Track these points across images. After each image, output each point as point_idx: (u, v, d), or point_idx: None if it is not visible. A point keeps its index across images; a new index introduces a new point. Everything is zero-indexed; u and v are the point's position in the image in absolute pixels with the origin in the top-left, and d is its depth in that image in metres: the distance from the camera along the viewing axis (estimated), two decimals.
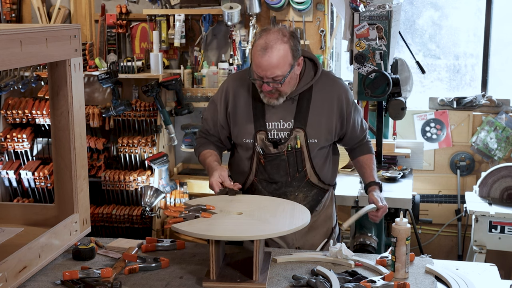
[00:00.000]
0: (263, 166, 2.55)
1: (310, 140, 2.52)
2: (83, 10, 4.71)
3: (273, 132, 2.53)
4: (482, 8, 4.49)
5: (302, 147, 2.52)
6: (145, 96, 4.46)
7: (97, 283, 2.03)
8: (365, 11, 3.34)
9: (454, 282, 2.09)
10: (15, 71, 4.37)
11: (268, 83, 2.40)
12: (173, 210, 2.25)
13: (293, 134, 2.51)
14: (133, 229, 4.55)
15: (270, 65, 2.35)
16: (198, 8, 4.55)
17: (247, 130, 2.54)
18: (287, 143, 2.51)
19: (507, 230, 3.85)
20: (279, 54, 2.35)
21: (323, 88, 2.56)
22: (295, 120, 2.52)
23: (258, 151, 2.53)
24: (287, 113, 2.53)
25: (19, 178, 4.64)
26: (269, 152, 2.53)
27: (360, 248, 3.40)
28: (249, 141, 2.54)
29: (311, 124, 2.52)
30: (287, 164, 2.54)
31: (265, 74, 2.37)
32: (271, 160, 2.53)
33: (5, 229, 2.41)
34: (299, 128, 2.51)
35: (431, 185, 4.54)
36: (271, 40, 2.36)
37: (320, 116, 2.53)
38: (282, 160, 2.53)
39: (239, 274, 2.11)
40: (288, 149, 2.52)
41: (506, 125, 4.37)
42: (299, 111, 2.52)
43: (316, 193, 2.61)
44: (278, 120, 2.53)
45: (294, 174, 2.55)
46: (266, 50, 2.34)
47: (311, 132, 2.52)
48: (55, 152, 2.38)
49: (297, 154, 2.53)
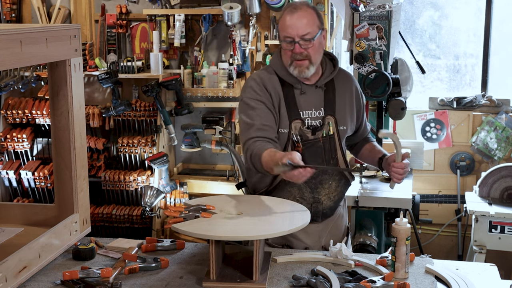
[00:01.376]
0: (300, 154, 2.45)
1: (340, 127, 2.59)
2: (83, 10, 4.71)
3: (308, 121, 2.55)
4: (482, 8, 4.50)
5: (334, 133, 2.58)
6: (145, 96, 4.46)
7: (97, 283, 2.03)
8: (365, 11, 3.34)
9: (454, 282, 2.09)
10: (15, 71, 4.37)
11: (299, 43, 2.45)
12: (173, 210, 2.25)
13: (326, 121, 2.56)
14: (133, 229, 4.55)
15: (300, 22, 2.45)
16: (198, 8, 4.55)
17: (282, 120, 2.54)
18: (322, 129, 2.56)
19: (507, 230, 3.85)
20: (307, 13, 2.48)
21: (342, 80, 2.65)
22: (325, 108, 2.57)
23: (294, 139, 2.52)
24: (318, 102, 2.57)
25: (19, 178, 4.64)
26: (306, 139, 2.54)
27: (360, 248, 3.39)
28: (285, 131, 2.54)
29: (339, 111, 2.59)
30: (323, 151, 2.56)
31: (297, 33, 2.45)
32: (309, 147, 2.54)
33: (5, 229, 2.41)
34: (329, 115, 2.57)
35: (431, 185, 4.54)
36: (298, 4, 2.50)
37: (345, 105, 2.62)
38: (318, 146, 2.55)
39: (239, 274, 2.11)
40: (323, 135, 2.56)
41: (506, 125, 4.37)
42: (328, 99, 2.59)
43: (344, 184, 2.64)
44: (310, 109, 2.56)
45: (329, 161, 2.58)
46: (295, 9, 2.48)
47: (340, 119, 2.59)
48: (55, 152, 2.38)
49: (331, 141, 2.57)
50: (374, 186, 3.67)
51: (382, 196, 3.50)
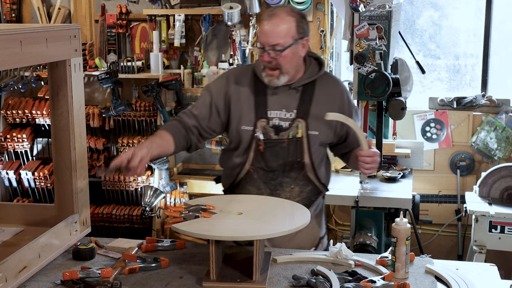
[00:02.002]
0: (261, 153, 2.51)
1: (310, 131, 2.52)
2: (83, 10, 4.71)
3: (275, 121, 2.52)
4: (482, 8, 4.49)
5: (303, 137, 2.52)
6: (145, 96, 4.46)
7: (97, 283, 2.03)
8: (365, 11, 3.34)
9: (454, 282, 2.09)
10: (15, 71, 4.37)
11: (268, 52, 2.42)
12: (173, 210, 2.25)
13: (295, 123, 2.51)
14: (133, 229, 4.55)
15: (272, 31, 2.41)
16: (198, 8, 4.55)
17: (247, 117, 2.52)
18: (289, 130, 2.51)
19: (507, 230, 3.85)
20: (283, 23, 2.42)
21: (326, 85, 2.58)
22: (297, 110, 2.52)
23: (257, 136, 2.51)
24: (290, 103, 2.53)
25: (19, 178, 4.64)
26: (269, 138, 2.51)
27: (360, 248, 3.39)
28: (249, 128, 2.52)
29: (313, 115, 2.52)
30: (287, 153, 2.51)
31: (267, 41, 2.42)
32: (271, 147, 2.51)
33: (5, 229, 2.41)
34: (301, 118, 2.52)
35: (431, 185, 4.54)
36: (278, 11, 2.45)
37: (322, 110, 2.51)
38: (282, 147, 2.51)
39: (239, 274, 2.11)
40: (289, 137, 2.51)
41: (506, 125, 4.37)
42: (302, 101, 2.53)
43: (311, 191, 2.58)
44: (280, 109, 2.52)
45: (292, 165, 2.52)
46: (271, 17, 2.43)
47: (312, 124, 2.52)
48: (55, 152, 2.38)
49: (297, 144, 2.52)
50: (374, 186, 3.67)
51: (382, 196, 3.50)
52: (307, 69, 2.56)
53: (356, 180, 3.71)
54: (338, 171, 4.03)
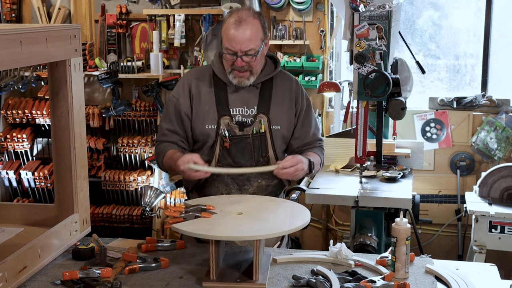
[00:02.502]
0: (227, 150, 2.58)
1: (273, 126, 2.60)
2: (83, 10, 4.71)
3: (238, 117, 2.59)
4: (482, 8, 4.49)
5: (266, 132, 2.60)
6: (145, 96, 4.47)
7: (97, 283, 2.03)
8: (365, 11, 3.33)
9: (454, 282, 2.09)
10: (15, 71, 4.37)
11: (241, 58, 2.46)
12: (173, 210, 2.26)
13: (258, 119, 2.59)
14: (133, 229, 4.55)
15: (244, 38, 2.44)
16: (198, 8, 4.55)
17: (210, 116, 2.58)
18: (253, 126, 2.58)
19: (507, 230, 3.85)
20: (252, 27, 2.47)
21: (282, 81, 2.68)
22: (258, 106, 2.60)
23: (222, 133, 2.56)
24: (251, 100, 2.60)
25: (19, 178, 4.64)
26: (234, 134, 2.58)
27: (360, 248, 3.39)
28: (213, 127, 2.58)
29: (273, 110, 2.61)
30: (252, 148, 2.59)
31: (240, 48, 2.46)
32: (237, 143, 2.58)
33: (5, 229, 2.41)
34: (262, 113, 2.60)
35: (431, 185, 4.54)
36: (243, 15, 2.47)
37: (282, 104, 2.63)
38: (247, 143, 2.58)
39: (239, 274, 2.11)
40: (253, 132, 2.58)
41: (506, 125, 4.37)
42: (262, 97, 2.61)
43: (277, 185, 2.65)
44: (242, 106, 2.59)
45: (258, 159, 2.60)
46: (240, 23, 2.45)
47: (274, 118, 2.61)
48: (55, 152, 2.38)
49: (261, 139, 2.59)
50: (374, 186, 3.67)
51: (382, 196, 3.50)
52: (264, 67, 2.63)
53: (356, 180, 3.71)
54: (338, 171, 4.03)
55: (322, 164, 2.74)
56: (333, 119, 4.59)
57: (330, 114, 4.62)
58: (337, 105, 4.55)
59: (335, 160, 4.12)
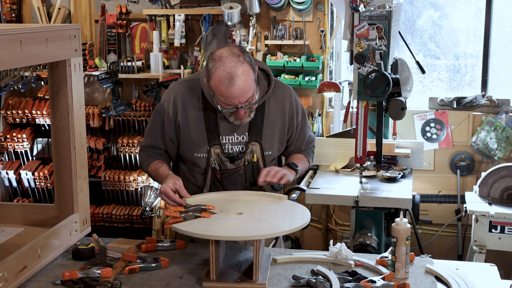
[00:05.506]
0: (219, 181, 2.52)
1: (266, 152, 2.52)
2: (83, 10, 4.71)
3: (228, 146, 2.48)
4: (482, 8, 4.49)
5: (259, 160, 2.52)
6: (145, 96, 4.46)
7: (97, 283, 2.03)
8: (365, 11, 3.33)
9: (454, 282, 2.09)
10: (15, 71, 4.37)
11: (243, 108, 2.33)
12: (173, 210, 2.25)
13: (249, 148, 2.49)
14: (133, 229, 4.55)
15: (242, 91, 2.28)
16: (198, 8, 4.55)
17: (200, 144, 2.47)
18: (244, 157, 2.49)
19: (507, 230, 3.85)
20: (245, 77, 2.27)
21: (275, 100, 2.53)
22: (249, 133, 2.48)
23: (214, 167, 2.49)
24: (241, 126, 2.47)
25: (19, 178, 4.64)
26: (225, 168, 2.50)
27: (360, 248, 3.39)
28: (202, 155, 2.48)
29: (266, 136, 2.50)
30: (244, 178, 2.53)
31: (239, 101, 2.30)
32: (228, 176, 2.51)
33: (5, 229, 2.41)
34: (254, 141, 2.49)
35: (431, 185, 4.54)
36: (231, 67, 2.26)
37: (274, 128, 2.51)
38: (239, 175, 2.51)
39: (239, 274, 2.11)
40: (245, 164, 2.50)
41: (506, 125, 4.37)
42: (254, 123, 2.47)
43: None
44: (232, 134, 2.47)
45: (251, 188, 2.54)
46: (232, 79, 2.25)
47: (266, 145, 2.51)
48: (55, 152, 2.38)
49: (253, 168, 2.52)
50: (374, 186, 3.67)
51: (382, 196, 3.50)
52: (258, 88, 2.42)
53: (356, 180, 3.71)
54: (338, 171, 4.03)
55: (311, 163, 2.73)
56: (333, 119, 4.59)
57: (330, 114, 4.62)
58: (337, 105, 4.55)
59: (335, 160, 4.12)
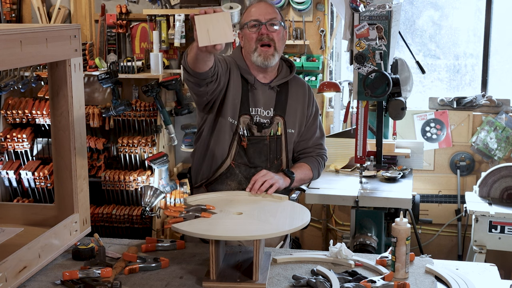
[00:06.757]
0: (244, 149, 2.60)
1: (288, 129, 2.65)
2: (83, 10, 4.71)
3: (256, 118, 2.62)
4: (482, 8, 4.49)
5: (282, 135, 2.64)
6: (145, 96, 4.46)
7: (97, 283, 2.03)
8: (365, 11, 3.33)
9: (454, 282, 2.09)
10: (15, 71, 4.37)
11: (266, 25, 2.54)
12: (173, 210, 2.25)
13: (275, 121, 2.62)
14: (133, 229, 4.55)
15: (267, 9, 2.58)
16: (198, 8, 4.54)
17: (235, 110, 2.59)
18: (270, 128, 2.62)
19: (507, 230, 3.85)
20: (272, 5, 2.64)
21: (297, 86, 2.73)
22: (275, 108, 2.63)
23: (241, 133, 2.58)
24: (269, 101, 2.64)
25: (19, 178, 4.64)
26: (252, 135, 2.60)
27: (360, 248, 3.39)
28: (234, 122, 2.59)
29: (289, 114, 2.65)
30: (269, 149, 2.62)
31: (264, 16, 2.56)
32: (254, 143, 2.60)
33: (5, 229, 2.41)
34: (279, 115, 2.63)
35: (431, 185, 4.54)
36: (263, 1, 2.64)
37: (296, 109, 2.68)
38: (264, 144, 2.61)
39: (239, 274, 2.11)
40: (270, 135, 2.62)
41: (506, 125, 4.37)
42: (279, 100, 2.65)
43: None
44: (260, 107, 2.62)
45: (273, 161, 2.63)
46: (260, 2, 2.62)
47: (289, 122, 2.66)
48: (55, 152, 2.38)
49: (277, 141, 2.63)
50: (374, 186, 3.67)
51: (382, 196, 3.50)
52: (280, 71, 2.70)
53: (356, 180, 3.71)
54: (338, 171, 4.03)
55: (317, 174, 2.76)
56: (333, 119, 4.59)
57: (330, 114, 4.62)
58: (337, 105, 4.55)
59: (335, 160, 4.12)
